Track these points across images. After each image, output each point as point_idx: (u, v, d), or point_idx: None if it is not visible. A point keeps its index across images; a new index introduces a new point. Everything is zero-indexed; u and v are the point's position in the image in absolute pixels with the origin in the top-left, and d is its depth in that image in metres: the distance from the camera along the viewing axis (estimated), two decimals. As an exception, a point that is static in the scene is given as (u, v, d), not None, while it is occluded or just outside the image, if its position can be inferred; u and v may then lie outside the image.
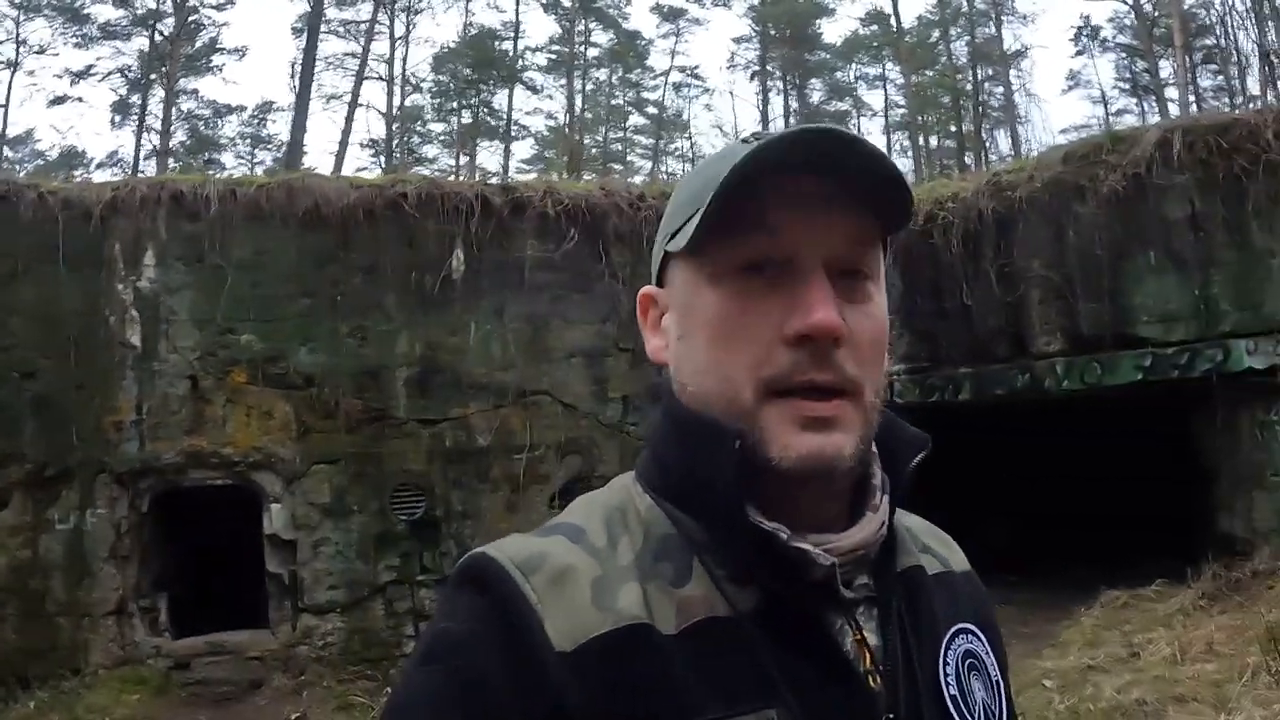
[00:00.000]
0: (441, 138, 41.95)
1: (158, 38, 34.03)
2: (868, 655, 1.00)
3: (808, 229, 0.96)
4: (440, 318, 9.79)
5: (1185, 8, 33.13)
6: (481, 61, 39.05)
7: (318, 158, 78.91)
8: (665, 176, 40.18)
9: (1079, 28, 41.10)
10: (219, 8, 36.14)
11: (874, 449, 1.05)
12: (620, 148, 43.86)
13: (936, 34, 41.42)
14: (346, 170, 32.55)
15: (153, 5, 34.05)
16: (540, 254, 10.02)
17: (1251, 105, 30.60)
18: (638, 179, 37.49)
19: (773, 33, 41.26)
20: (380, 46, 38.13)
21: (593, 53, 42.84)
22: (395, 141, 39.09)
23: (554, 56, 41.67)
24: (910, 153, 41.50)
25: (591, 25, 42.25)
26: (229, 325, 9.24)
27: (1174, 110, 33.04)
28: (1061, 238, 9.97)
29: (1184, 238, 9.57)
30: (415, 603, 9.43)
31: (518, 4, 40.52)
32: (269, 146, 40.57)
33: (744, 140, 1.00)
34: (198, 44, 36.39)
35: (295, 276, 9.48)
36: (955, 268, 10.32)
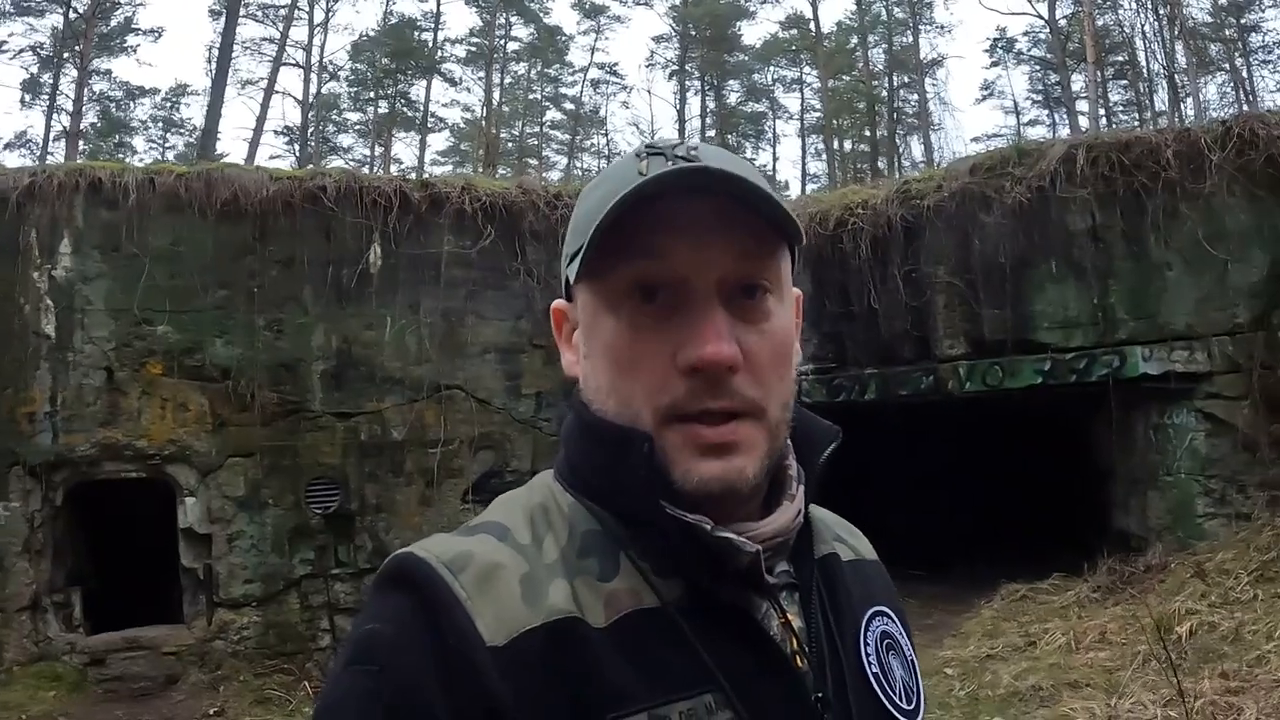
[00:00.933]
0: (357, 127, 41.60)
1: (72, 15, 33.09)
2: (793, 638, 1.02)
3: (696, 250, 0.97)
4: (357, 311, 9.78)
5: (1098, 25, 33.99)
6: (400, 51, 38.74)
7: (231, 144, 77.64)
8: (580, 173, 40.31)
9: (994, 40, 42.12)
10: (134, -14, 35.26)
11: (789, 441, 1.08)
12: (536, 142, 43.81)
13: (855, 40, 41.99)
14: (260, 157, 32.18)
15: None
16: (457, 250, 10.07)
17: (1158, 122, 31.61)
18: (553, 174, 37.72)
19: (693, 33, 41.47)
20: (298, 32, 37.64)
21: (512, 46, 42.75)
22: (310, 130, 38.57)
23: (473, 49, 41.46)
24: (824, 156, 42.12)
25: (513, 19, 42.16)
26: (145, 316, 9.12)
27: (1084, 123, 33.95)
28: (967, 246, 10.27)
29: (1085, 249, 9.94)
30: (330, 596, 9.43)
31: (440, -5, 40.31)
32: (182, 131, 39.97)
33: (637, 154, 1.02)
34: (112, 23, 35.55)
35: (212, 267, 9.39)
36: (864, 272, 10.54)
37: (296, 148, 38.02)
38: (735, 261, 0.98)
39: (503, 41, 42.06)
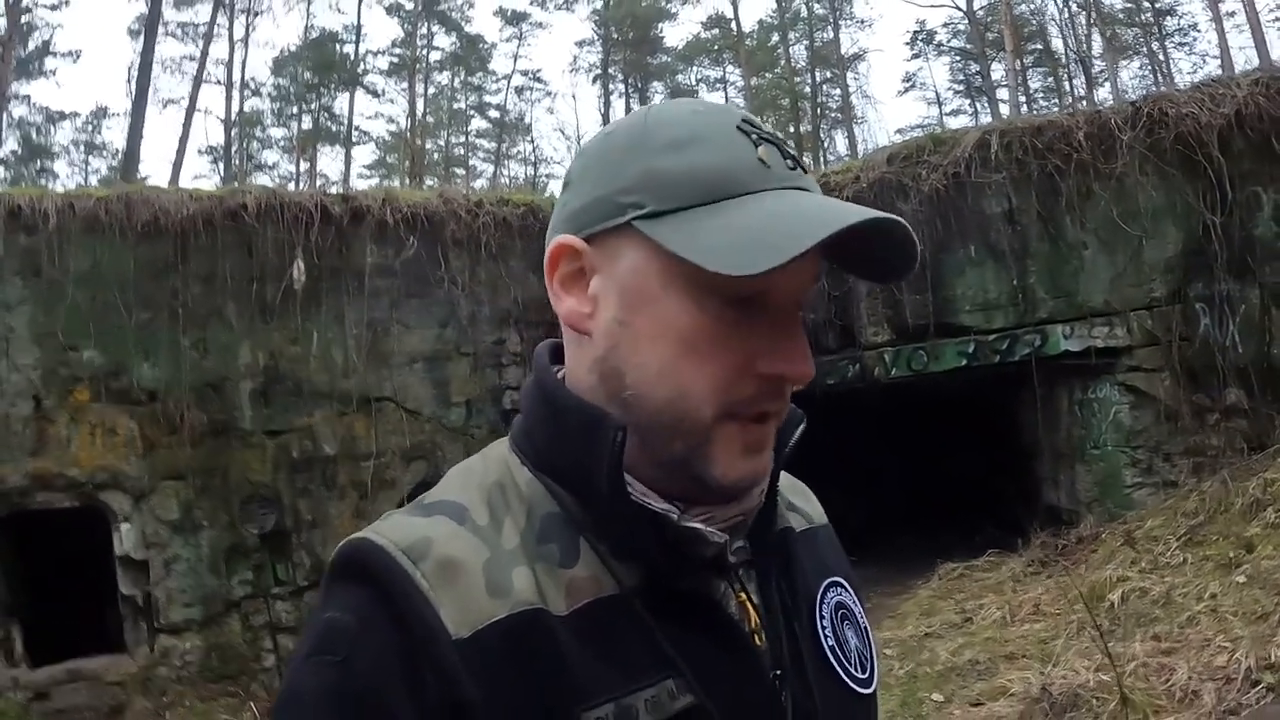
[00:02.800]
0: (281, 143, 41.27)
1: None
2: (752, 616, 1.02)
3: (800, 271, 0.94)
4: (281, 326, 9.72)
5: (1015, 14, 34.59)
6: (322, 65, 38.45)
7: (155, 165, 76.40)
8: (507, 181, 40.35)
9: (915, 32, 42.75)
10: (53, 8, 35.08)
11: None
12: (462, 151, 43.74)
13: (776, 38, 42.37)
14: (185, 177, 31.95)
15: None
16: (379, 261, 10.06)
17: (1077, 107, 32.22)
18: (480, 183, 37.58)
19: (615, 36, 41.60)
20: (219, 49, 37.21)
21: (435, 56, 42.64)
22: (234, 147, 38.17)
23: (395, 60, 41.35)
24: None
25: (434, 28, 42.02)
26: (70, 341, 9.01)
27: (1005, 110, 34.52)
28: (886, 235, 10.40)
29: (1002, 232, 10.14)
30: (271, 616, 9.36)
31: (360, 6, 40.10)
32: (104, 154, 39.48)
33: (742, 129, 0.97)
34: (30, 47, 35.06)
35: (134, 288, 9.28)
36: (785, 264, 10.62)
37: (221, 166, 37.69)
38: (813, 282, 0.99)
39: (425, 51, 41.94)
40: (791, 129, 41.44)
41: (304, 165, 39.87)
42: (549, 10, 42.88)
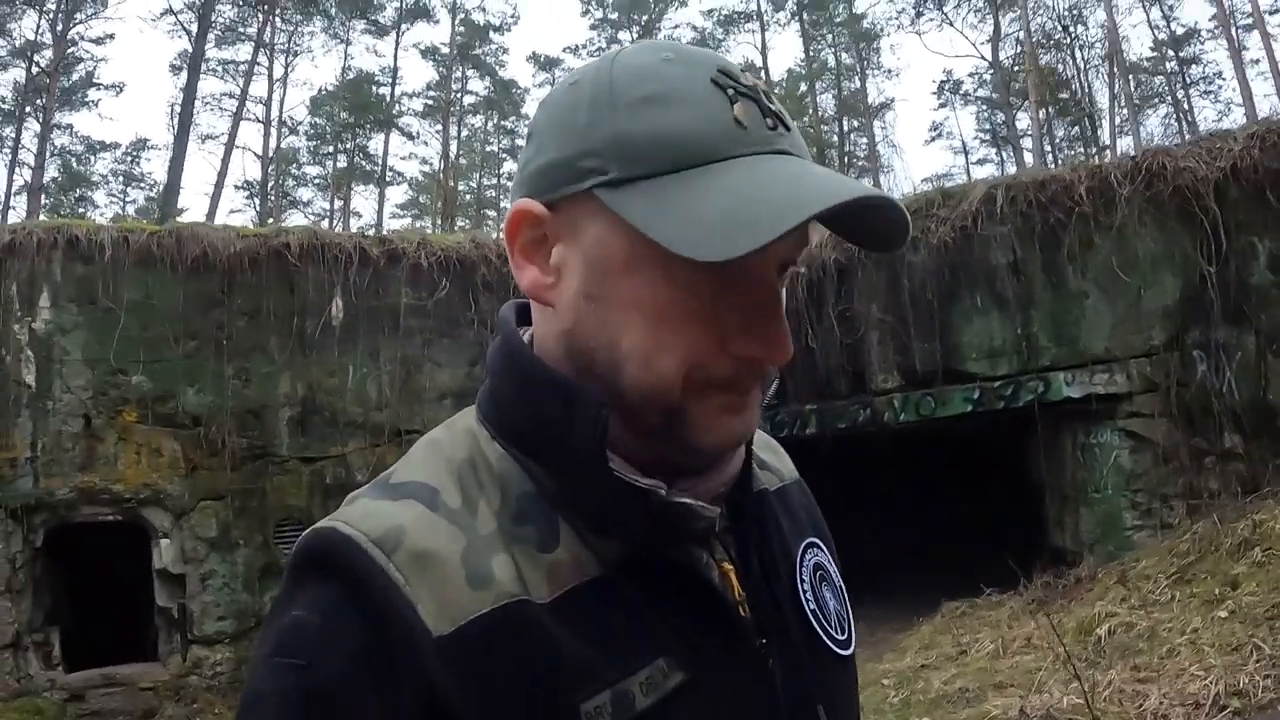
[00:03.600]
0: (317, 181, 41.48)
1: (34, 70, 33.23)
2: (734, 585, 0.98)
3: (778, 245, 0.82)
4: (319, 360, 10.16)
5: (1040, 64, 34.88)
6: (358, 105, 38.79)
7: (192, 198, 77.19)
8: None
9: (941, 82, 43.03)
10: (98, 42, 35.64)
11: None
12: (494, 194, 43.95)
13: (804, 86, 42.69)
14: (221, 211, 32.15)
15: (31, 36, 33.32)
16: (413, 301, 10.50)
17: (1104, 155, 32.39)
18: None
19: (646, 84, 41.93)
20: (258, 87, 37.63)
21: (469, 100, 43.06)
22: (270, 184, 38.44)
23: (430, 102, 41.61)
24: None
25: (469, 73, 42.49)
26: (120, 366, 9.45)
27: (1029, 160, 34.74)
28: (897, 284, 10.78)
29: (1006, 282, 10.48)
30: (299, 633, 9.68)
31: (397, 50, 40.48)
32: (142, 185, 39.88)
33: (715, 81, 0.88)
34: (74, 78, 35.64)
35: (182, 320, 9.74)
36: (800, 313, 10.90)
37: (257, 202, 38.07)
38: (794, 247, 0.93)
39: (459, 95, 42.23)
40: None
41: (338, 203, 40.41)
42: (581, 57, 43.30)
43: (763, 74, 41.19)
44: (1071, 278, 10.33)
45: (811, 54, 41.78)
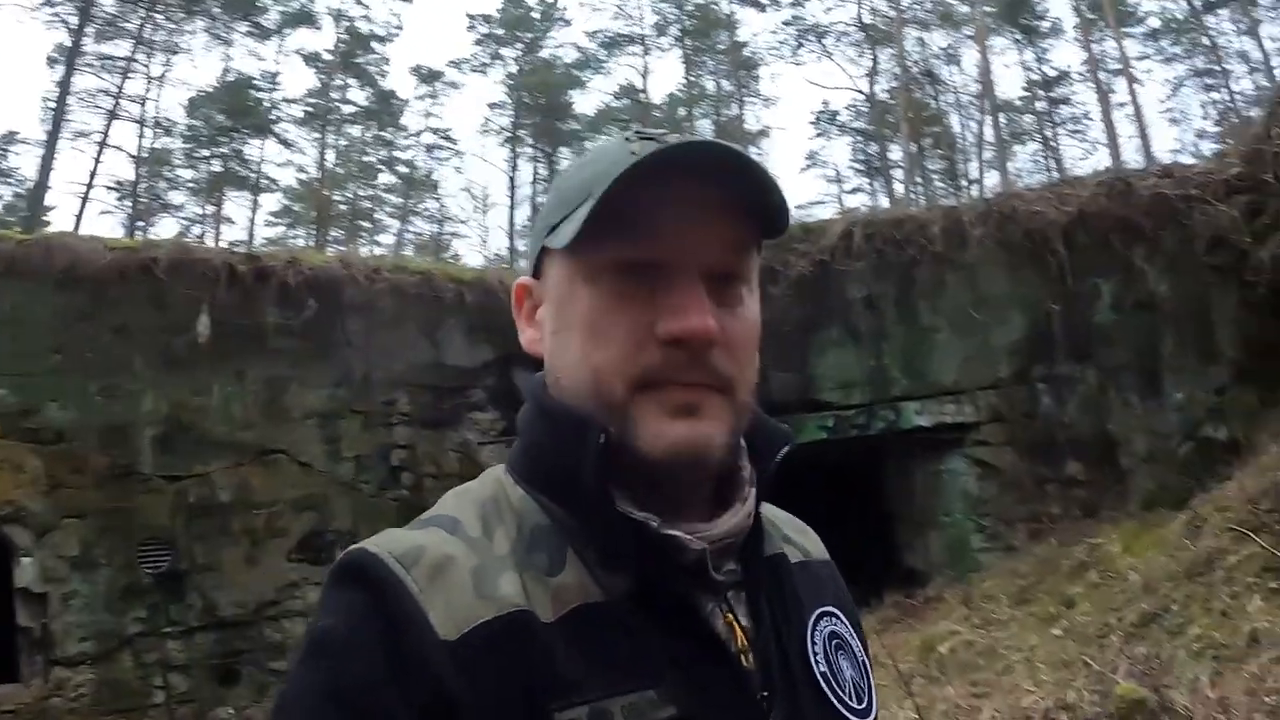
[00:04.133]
0: (190, 184, 40.37)
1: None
2: (739, 636, 1.01)
3: (687, 234, 0.97)
4: (186, 378, 10.08)
5: (913, 99, 35.94)
6: (236, 109, 38.06)
7: (61, 197, 74.53)
8: (411, 236, 40.29)
9: (819, 112, 43.89)
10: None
11: (742, 443, 1.08)
12: (369, 205, 43.44)
13: (683, 111, 43.15)
14: (90, 212, 31.04)
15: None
16: (281, 320, 10.52)
17: (970, 190, 33.48)
18: (385, 237, 37.35)
19: (526, 101, 41.91)
20: (135, 86, 36.43)
21: (348, 109, 42.55)
22: (142, 185, 37.44)
23: (309, 109, 40.99)
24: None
25: (349, 81, 41.96)
26: (-17, 380, 9.26)
27: (900, 190, 35.75)
28: (757, 315, 11.13)
29: (861, 316, 10.98)
30: (163, 654, 9.58)
31: (278, 55, 39.75)
32: (9, 181, 38.40)
33: (626, 138, 1.01)
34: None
35: (48, 333, 9.60)
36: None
37: (128, 203, 36.96)
38: (722, 252, 1.00)
39: (338, 104, 41.92)
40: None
41: (210, 208, 39.41)
42: (463, 72, 43.07)
43: (642, 95, 41.73)
44: (924, 313, 10.84)
45: (692, 79, 42.21)
